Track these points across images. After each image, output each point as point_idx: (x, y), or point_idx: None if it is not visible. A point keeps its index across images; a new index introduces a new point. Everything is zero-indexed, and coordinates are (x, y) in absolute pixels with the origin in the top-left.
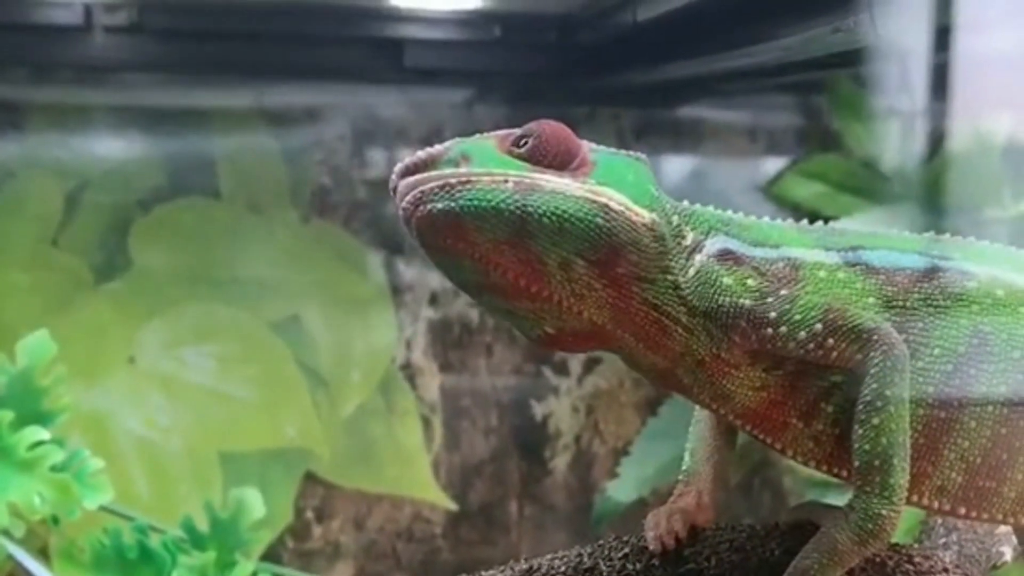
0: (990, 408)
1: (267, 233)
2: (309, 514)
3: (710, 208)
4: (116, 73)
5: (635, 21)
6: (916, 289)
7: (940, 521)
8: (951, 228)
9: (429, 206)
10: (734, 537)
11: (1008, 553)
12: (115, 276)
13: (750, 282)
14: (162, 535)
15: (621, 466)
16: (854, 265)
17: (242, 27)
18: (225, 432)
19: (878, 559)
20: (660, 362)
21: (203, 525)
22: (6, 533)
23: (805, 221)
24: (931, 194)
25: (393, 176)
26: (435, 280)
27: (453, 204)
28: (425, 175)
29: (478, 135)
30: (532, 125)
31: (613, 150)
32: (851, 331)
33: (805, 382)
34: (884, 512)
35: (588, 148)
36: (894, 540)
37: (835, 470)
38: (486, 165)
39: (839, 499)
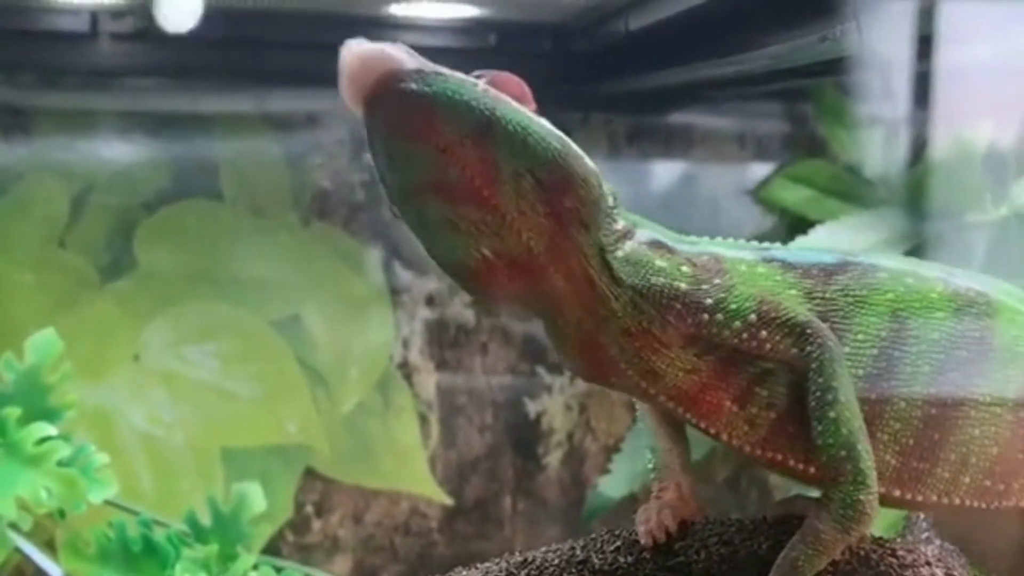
0: (918, 388)
1: (268, 235)
2: (309, 508)
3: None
4: (122, 79)
5: (627, 30)
6: (832, 281)
7: (923, 516)
8: (934, 232)
9: (401, 85)
10: (723, 531)
11: None
12: (120, 276)
13: (684, 269)
14: (166, 528)
15: (612, 462)
16: (770, 261)
17: (245, 34)
18: (227, 428)
19: (862, 552)
20: (586, 322)
21: (206, 519)
22: (14, 526)
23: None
24: (914, 199)
25: (345, 51)
26: (432, 281)
27: (428, 89)
28: (394, 51)
29: None
30: (488, 71)
31: None
32: (784, 324)
33: (738, 367)
34: (862, 498)
35: None
36: (878, 535)
37: (769, 454)
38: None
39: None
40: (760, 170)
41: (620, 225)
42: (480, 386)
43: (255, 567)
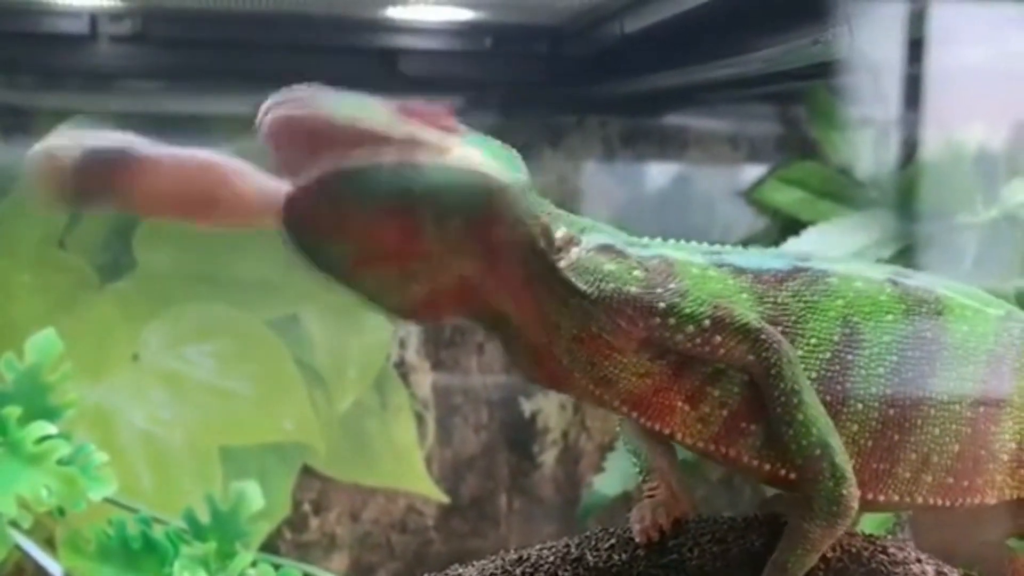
0: (873, 390)
1: (266, 235)
2: (306, 506)
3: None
4: (121, 80)
5: (622, 33)
6: (783, 286)
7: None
8: (925, 233)
9: (313, 199)
10: (716, 529)
11: None
12: (120, 276)
13: (636, 273)
14: (165, 526)
15: (607, 460)
16: (721, 266)
17: (243, 37)
18: (225, 427)
19: (853, 550)
20: (536, 334)
21: (204, 517)
22: (14, 524)
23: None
24: (905, 200)
25: (269, 115)
26: None
27: (345, 189)
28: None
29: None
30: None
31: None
32: (739, 330)
33: (690, 369)
34: (844, 492)
35: (464, 128)
36: (868, 532)
37: (723, 449)
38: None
39: None
40: (753, 172)
41: (562, 233)
42: (476, 385)
43: (253, 564)
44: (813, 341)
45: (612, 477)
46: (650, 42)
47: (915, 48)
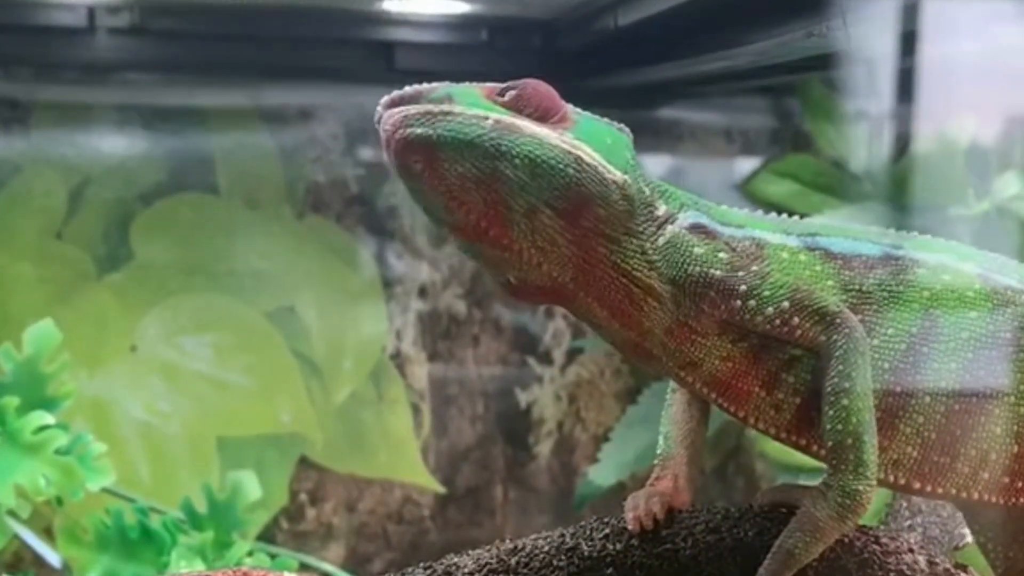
0: (943, 385)
1: (263, 228)
2: (303, 497)
3: (682, 190)
4: (118, 73)
5: (616, 26)
6: (871, 274)
7: (905, 504)
8: (918, 226)
9: (408, 131)
10: (709, 519)
11: (969, 536)
12: (117, 268)
13: (722, 255)
14: (162, 516)
15: (602, 451)
16: (813, 249)
17: (239, 29)
18: (223, 418)
19: (847, 540)
20: (627, 332)
21: (202, 507)
22: (12, 514)
23: (773, 213)
24: (898, 193)
25: (379, 107)
26: (424, 273)
27: (431, 131)
28: (410, 105)
29: (466, 83)
30: (517, 81)
31: (597, 116)
32: (816, 312)
33: (768, 354)
34: (860, 488)
35: (572, 109)
36: (861, 522)
37: (794, 438)
38: (469, 107)
39: (809, 482)
40: (747, 164)
41: (661, 211)
42: (471, 376)
43: (250, 554)
44: (891, 331)
45: (607, 467)
46: (644, 35)
47: (908, 42)
